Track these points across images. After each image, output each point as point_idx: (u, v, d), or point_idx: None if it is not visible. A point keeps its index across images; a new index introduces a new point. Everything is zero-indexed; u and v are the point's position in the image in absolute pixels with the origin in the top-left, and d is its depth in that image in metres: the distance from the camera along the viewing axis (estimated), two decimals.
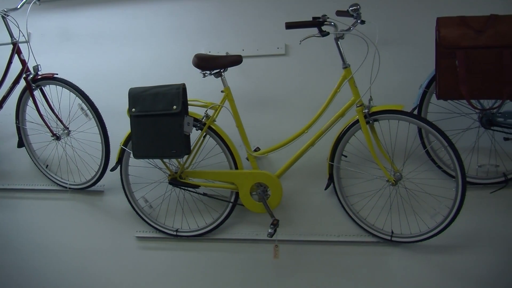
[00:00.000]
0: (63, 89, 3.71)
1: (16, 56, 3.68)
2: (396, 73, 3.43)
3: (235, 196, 3.46)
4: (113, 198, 3.92)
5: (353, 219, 3.38)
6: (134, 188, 3.70)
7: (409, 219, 3.31)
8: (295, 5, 3.65)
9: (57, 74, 3.66)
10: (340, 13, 3.02)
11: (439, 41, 2.89)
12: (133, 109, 3.23)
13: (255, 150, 3.52)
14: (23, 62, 3.69)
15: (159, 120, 3.18)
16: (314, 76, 3.60)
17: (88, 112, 3.64)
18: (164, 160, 3.44)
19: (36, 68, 3.68)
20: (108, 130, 3.65)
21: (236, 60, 3.26)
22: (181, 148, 3.16)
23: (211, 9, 3.82)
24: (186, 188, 3.51)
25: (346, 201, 3.37)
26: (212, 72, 3.26)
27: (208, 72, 3.26)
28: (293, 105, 3.62)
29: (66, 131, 3.81)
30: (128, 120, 3.28)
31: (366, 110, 3.05)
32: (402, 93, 3.35)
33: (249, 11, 3.75)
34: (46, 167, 4.01)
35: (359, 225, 3.37)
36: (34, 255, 4.02)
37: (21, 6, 3.63)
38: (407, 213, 3.32)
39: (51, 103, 3.76)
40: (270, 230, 3.20)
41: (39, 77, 3.68)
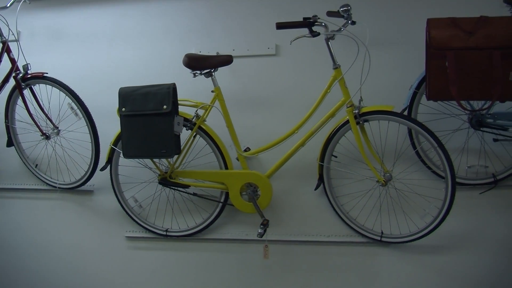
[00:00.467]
0: (53, 88, 3.69)
1: (5, 55, 3.66)
2: (387, 74, 3.44)
3: (225, 196, 3.45)
4: (103, 198, 3.91)
5: (343, 220, 3.38)
6: (124, 188, 3.69)
7: (399, 219, 3.32)
8: (286, 6, 3.65)
9: (47, 73, 3.65)
10: (331, 13, 3.03)
11: (430, 42, 2.90)
12: (123, 109, 3.22)
13: (245, 150, 3.51)
14: (12, 61, 3.66)
15: (149, 119, 3.17)
16: (304, 76, 3.60)
17: (78, 111, 3.63)
18: (154, 160, 3.42)
19: (25, 67, 3.66)
20: (98, 130, 3.64)
21: (226, 60, 3.26)
22: (171, 148, 3.15)
23: (202, 9, 3.82)
24: (176, 188, 3.50)
25: (336, 202, 3.37)
26: (203, 72, 3.26)
27: (198, 72, 3.26)
28: (283, 105, 3.62)
29: (55, 131, 3.79)
30: (118, 119, 3.27)
31: (356, 111, 3.06)
32: (392, 93, 3.36)
33: (240, 11, 3.75)
34: (35, 166, 3.99)
35: (349, 225, 3.38)
36: (22, 255, 4.00)
37: (10, 5, 3.62)
38: (397, 214, 3.33)
39: (41, 102, 3.74)
40: (260, 230, 3.20)
41: (29, 76, 3.67)
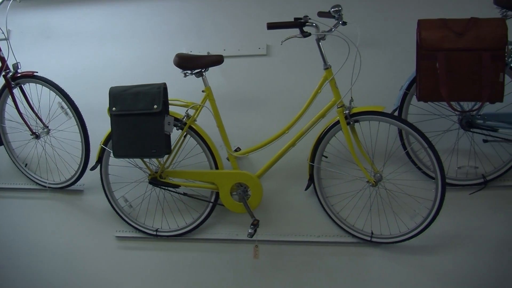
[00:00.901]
0: (43, 87, 3.67)
1: None
2: (377, 74, 3.45)
3: (215, 196, 3.45)
4: (92, 198, 3.89)
5: (333, 220, 3.38)
6: (114, 187, 3.68)
7: (389, 220, 3.33)
8: (277, 6, 3.65)
9: (37, 72, 3.63)
10: (322, 14, 3.04)
11: (420, 43, 2.91)
12: (114, 108, 3.22)
13: (236, 150, 3.51)
14: (2, 59, 3.63)
15: (140, 119, 3.17)
16: (295, 76, 3.60)
17: (68, 110, 3.62)
18: (145, 159, 3.42)
19: (15, 66, 3.64)
20: (88, 129, 3.62)
21: (217, 60, 3.26)
22: (162, 147, 3.15)
23: (193, 9, 3.81)
24: (166, 188, 3.50)
25: (326, 202, 3.38)
26: (193, 72, 3.26)
27: (189, 72, 3.26)
28: (274, 105, 3.62)
29: (45, 130, 3.77)
30: (108, 119, 3.26)
31: (347, 111, 3.06)
32: (383, 94, 3.37)
33: (231, 11, 3.75)
34: (25, 166, 3.97)
35: (339, 225, 3.38)
36: (12, 254, 3.98)
37: (0, 3, 3.59)
38: (387, 214, 3.33)
39: (31, 102, 3.72)
40: (250, 231, 3.21)
41: (19, 75, 3.64)
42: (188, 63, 3.24)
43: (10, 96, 3.70)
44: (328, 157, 3.31)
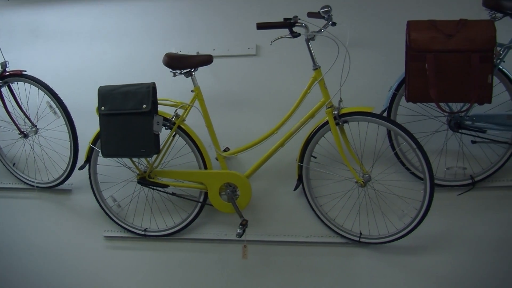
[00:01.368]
0: (32, 86, 3.66)
1: None
2: (366, 75, 3.45)
3: (204, 196, 3.44)
4: (81, 197, 3.88)
5: (322, 220, 3.39)
6: (103, 187, 3.66)
7: (377, 220, 3.33)
8: (267, 6, 3.65)
9: (25, 71, 3.62)
10: (312, 14, 3.03)
11: (409, 44, 2.92)
12: (103, 108, 3.20)
13: (225, 150, 3.50)
14: None
15: (129, 119, 3.16)
16: (284, 77, 3.60)
17: (57, 110, 3.61)
18: (133, 159, 3.41)
19: (4, 65, 3.63)
20: (77, 129, 3.62)
21: (206, 59, 3.25)
22: (150, 147, 3.14)
23: (182, 8, 3.80)
24: (155, 188, 3.49)
25: (315, 202, 3.38)
26: (183, 72, 3.25)
27: (178, 72, 3.25)
28: (263, 105, 3.62)
29: (34, 129, 3.77)
30: (97, 118, 3.25)
31: (336, 112, 3.06)
32: (372, 95, 3.38)
33: (220, 11, 3.74)
34: (13, 165, 3.96)
35: (328, 226, 3.38)
36: None
37: None
38: (376, 215, 3.34)
39: (19, 101, 3.72)
40: (239, 231, 3.21)
41: (7, 73, 3.63)
42: (178, 63, 3.23)
43: None
44: (317, 158, 3.31)
